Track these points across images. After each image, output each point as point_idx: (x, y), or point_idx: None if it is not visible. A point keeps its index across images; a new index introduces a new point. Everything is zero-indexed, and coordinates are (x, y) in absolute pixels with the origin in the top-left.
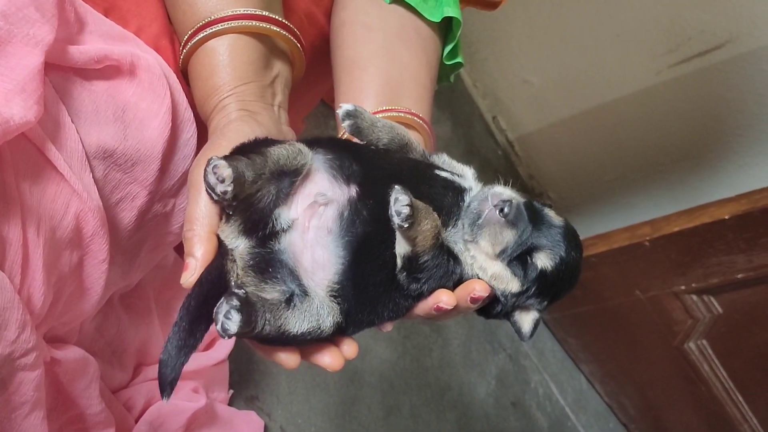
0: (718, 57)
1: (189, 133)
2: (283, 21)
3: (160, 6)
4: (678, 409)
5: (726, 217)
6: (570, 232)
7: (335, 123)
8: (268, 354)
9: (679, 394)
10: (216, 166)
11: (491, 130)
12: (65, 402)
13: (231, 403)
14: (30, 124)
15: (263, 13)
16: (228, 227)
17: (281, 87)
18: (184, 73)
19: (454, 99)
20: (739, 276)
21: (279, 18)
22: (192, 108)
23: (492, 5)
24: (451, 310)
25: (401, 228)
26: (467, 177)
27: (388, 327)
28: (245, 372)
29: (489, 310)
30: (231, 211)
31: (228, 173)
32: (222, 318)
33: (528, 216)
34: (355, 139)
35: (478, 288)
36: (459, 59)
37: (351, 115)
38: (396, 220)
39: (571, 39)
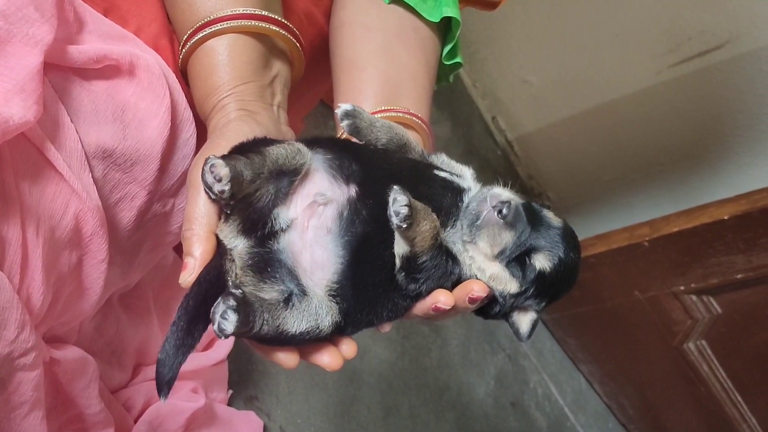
0: (718, 57)
1: (188, 133)
2: (283, 21)
3: (159, 6)
4: (677, 410)
5: (725, 218)
6: (568, 233)
7: (334, 123)
8: (266, 354)
9: (679, 394)
10: (213, 165)
11: (490, 130)
12: (64, 402)
13: (230, 403)
14: (29, 123)
15: (262, 13)
16: (227, 227)
17: (280, 87)
18: (183, 73)
19: (453, 99)
20: (739, 276)
21: (278, 18)
22: (191, 108)
23: (491, 5)
24: (449, 310)
25: (400, 228)
26: (466, 177)
27: (386, 327)
28: (244, 372)
29: (487, 310)
30: (229, 211)
31: (225, 172)
32: (218, 318)
33: (527, 217)
34: (354, 139)
35: (476, 288)
36: (458, 59)
37: (350, 115)
38: (394, 220)
39: (571, 39)
